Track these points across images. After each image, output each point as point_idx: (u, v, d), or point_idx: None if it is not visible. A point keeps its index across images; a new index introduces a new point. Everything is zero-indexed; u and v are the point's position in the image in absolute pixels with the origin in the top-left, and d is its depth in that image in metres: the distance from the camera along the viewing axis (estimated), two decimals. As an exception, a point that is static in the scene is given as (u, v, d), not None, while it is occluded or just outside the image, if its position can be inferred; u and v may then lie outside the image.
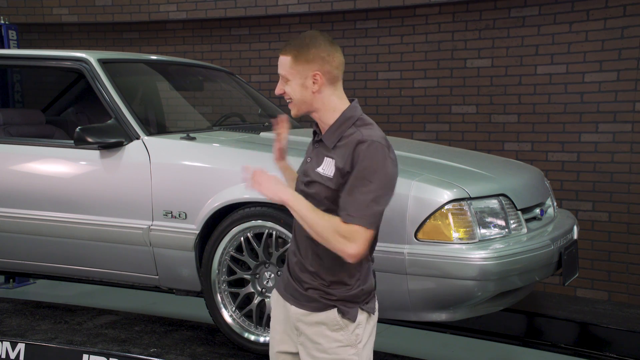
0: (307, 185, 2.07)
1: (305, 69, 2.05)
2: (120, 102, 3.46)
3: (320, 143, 2.09)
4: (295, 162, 2.34)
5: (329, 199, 2.02)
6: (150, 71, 4.35)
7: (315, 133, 2.15)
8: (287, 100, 2.10)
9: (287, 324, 2.18)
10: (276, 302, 2.23)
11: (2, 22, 6.00)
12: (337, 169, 2.00)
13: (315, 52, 2.04)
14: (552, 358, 3.87)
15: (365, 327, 2.12)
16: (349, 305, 2.08)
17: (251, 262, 3.10)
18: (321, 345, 2.08)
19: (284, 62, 2.07)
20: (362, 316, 2.10)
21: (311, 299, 2.08)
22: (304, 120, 5.80)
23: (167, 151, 3.31)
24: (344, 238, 1.95)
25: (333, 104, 2.09)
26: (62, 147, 3.59)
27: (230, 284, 3.17)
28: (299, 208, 1.99)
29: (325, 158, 2.05)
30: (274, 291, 2.25)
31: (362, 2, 5.82)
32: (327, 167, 2.03)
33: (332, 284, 2.08)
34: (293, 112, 2.10)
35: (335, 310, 2.07)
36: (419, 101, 5.82)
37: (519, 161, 4.32)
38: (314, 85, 2.06)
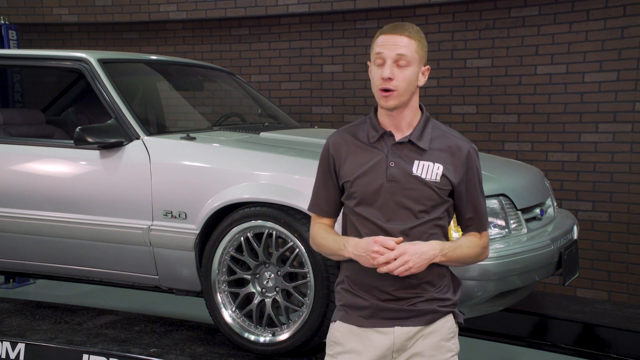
0: (408, 190, 1.90)
1: (423, 59, 1.92)
2: (120, 102, 3.46)
3: (405, 144, 1.94)
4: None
5: (433, 200, 1.92)
6: (150, 71, 4.35)
7: (384, 133, 1.96)
8: (389, 88, 1.88)
9: (373, 354, 1.95)
10: (349, 338, 1.98)
11: (2, 22, 6.00)
12: (447, 176, 1.92)
13: (427, 46, 1.93)
14: (553, 358, 3.87)
15: None
16: (458, 309, 2.02)
17: (251, 262, 3.10)
18: (434, 358, 1.95)
19: (410, 45, 1.87)
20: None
21: (424, 311, 1.94)
22: (304, 120, 5.80)
23: (167, 151, 3.31)
24: (486, 247, 2.00)
25: (417, 103, 2.00)
26: (62, 147, 3.59)
27: (230, 284, 3.17)
28: (450, 256, 1.90)
29: (420, 162, 1.91)
30: (341, 325, 2.00)
31: (362, 2, 5.81)
32: (429, 172, 1.91)
33: (444, 288, 1.97)
34: (391, 103, 1.89)
35: (451, 316, 1.99)
36: (419, 101, 5.81)
37: (519, 161, 4.32)
38: (422, 78, 1.95)
